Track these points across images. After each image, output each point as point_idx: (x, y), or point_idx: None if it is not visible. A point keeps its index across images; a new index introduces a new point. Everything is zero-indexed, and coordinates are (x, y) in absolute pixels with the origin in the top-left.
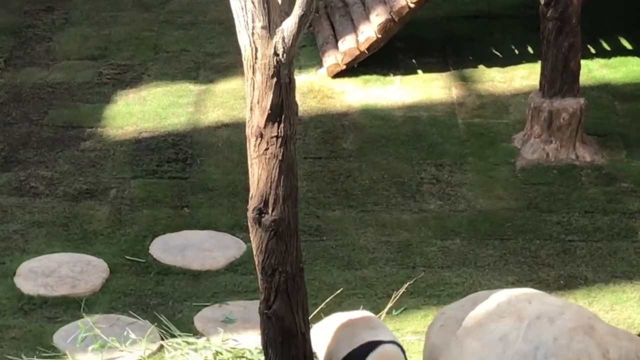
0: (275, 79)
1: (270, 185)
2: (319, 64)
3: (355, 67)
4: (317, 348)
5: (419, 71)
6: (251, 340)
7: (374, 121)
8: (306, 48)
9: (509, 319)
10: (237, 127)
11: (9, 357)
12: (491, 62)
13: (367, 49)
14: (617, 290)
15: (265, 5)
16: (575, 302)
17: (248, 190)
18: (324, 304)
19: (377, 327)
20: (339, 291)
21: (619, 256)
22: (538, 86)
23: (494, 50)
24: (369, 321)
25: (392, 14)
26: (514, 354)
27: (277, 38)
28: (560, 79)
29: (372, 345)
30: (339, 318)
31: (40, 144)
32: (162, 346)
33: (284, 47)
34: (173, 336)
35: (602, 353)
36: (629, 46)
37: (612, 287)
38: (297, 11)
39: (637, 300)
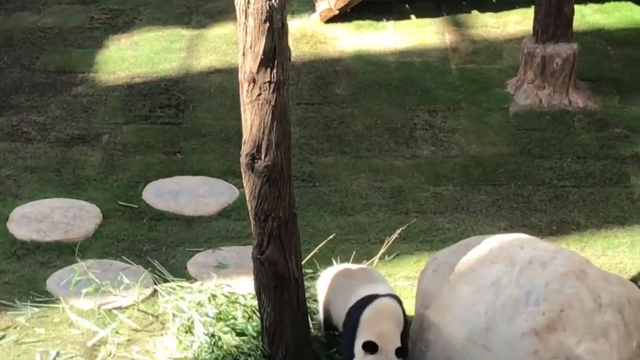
0: (267, 24)
1: (263, 131)
2: (312, 9)
3: (348, 12)
4: (318, 299)
5: (412, 16)
6: (244, 285)
7: (366, 67)
8: None
9: (501, 264)
10: (230, 73)
11: (2, 302)
12: (485, 7)
13: None
14: (609, 236)
15: None
16: (567, 247)
17: (241, 136)
18: (316, 249)
19: (375, 281)
20: (331, 236)
21: (611, 202)
22: (531, 31)
23: None
24: (367, 275)
25: None
26: (506, 299)
27: None
28: (553, 24)
29: (369, 300)
30: (337, 270)
31: (32, 89)
32: (155, 291)
33: None
34: (166, 281)
35: (594, 298)
36: None
37: (604, 232)
38: None
39: (629, 245)
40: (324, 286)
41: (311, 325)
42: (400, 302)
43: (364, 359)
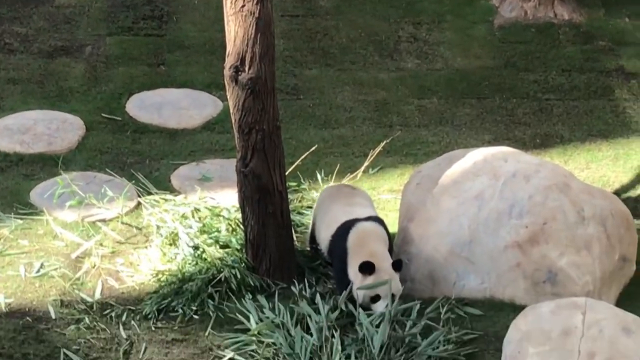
0: None
1: (247, 43)
2: None
3: None
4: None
5: None
6: (228, 198)
7: None
8: None
9: (485, 177)
10: None
11: None
12: None
13: None
14: (592, 149)
15: None
16: (551, 160)
17: (225, 48)
18: (299, 160)
19: (354, 204)
20: (313, 148)
21: (595, 115)
22: None
23: None
24: (347, 197)
25: None
26: (490, 212)
27: None
28: None
29: (349, 225)
30: (326, 190)
31: (14, 0)
32: (139, 203)
33: None
34: (150, 194)
35: (577, 211)
36: None
37: (587, 145)
38: None
39: (612, 158)
40: (317, 205)
41: (295, 238)
42: (382, 223)
43: (363, 280)
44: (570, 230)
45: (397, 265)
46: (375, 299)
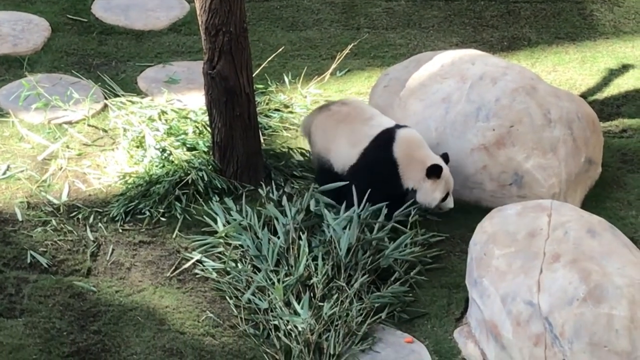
0: None
1: None
2: None
3: None
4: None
5: None
6: (195, 100)
7: None
8: None
9: (452, 80)
10: None
11: None
12: None
13: None
14: (559, 52)
15: None
16: (518, 63)
17: None
18: (266, 62)
19: (374, 116)
20: (281, 50)
21: (562, 17)
22: None
23: None
24: (359, 112)
25: None
26: (457, 115)
27: None
28: None
29: (387, 135)
30: (322, 115)
31: None
32: (106, 105)
33: None
34: (117, 96)
35: (544, 113)
36: None
37: (555, 48)
38: None
39: (579, 61)
40: (316, 134)
41: (262, 140)
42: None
43: (433, 185)
44: (537, 132)
45: (445, 159)
46: (445, 197)
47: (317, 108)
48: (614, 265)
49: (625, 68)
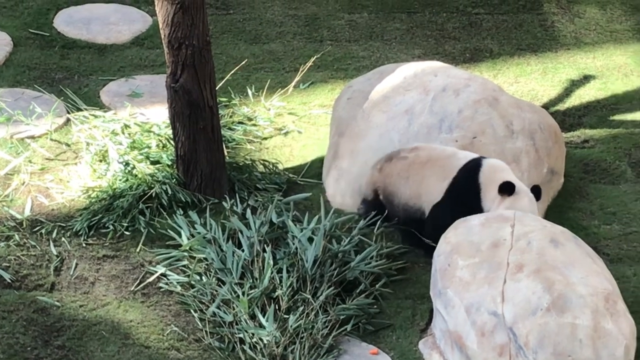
0: None
1: None
2: None
3: None
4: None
5: None
6: (158, 114)
7: None
8: None
9: (415, 92)
10: None
11: None
12: None
13: None
14: (521, 63)
15: None
16: (480, 74)
17: None
18: (229, 75)
19: (457, 151)
20: (244, 63)
21: (524, 29)
22: None
23: None
24: (443, 150)
25: None
26: (420, 127)
27: None
28: None
29: (472, 165)
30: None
31: None
32: (68, 120)
33: None
34: (79, 110)
35: (506, 124)
36: None
37: (516, 59)
38: None
39: (541, 72)
40: (398, 184)
41: (226, 153)
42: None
43: (501, 202)
44: (499, 144)
45: (536, 192)
46: None
47: (382, 160)
48: (577, 274)
49: (586, 79)
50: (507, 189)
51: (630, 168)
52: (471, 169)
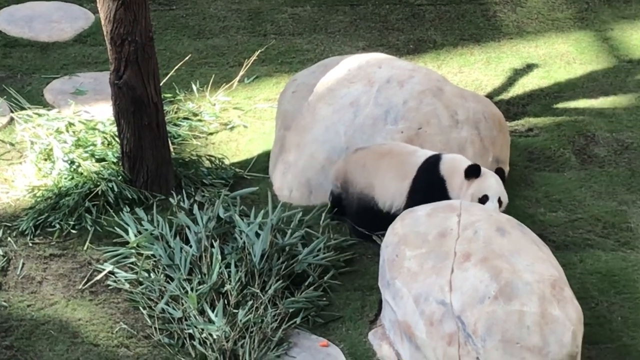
0: None
1: None
2: None
3: None
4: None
5: None
6: (103, 111)
7: None
8: None
9: (360, 84)
10: None
11: None
12: None
13: None
14: (465, 53)
15: None
16: (424, 65)
17: None
18: (173, 71)
19: (419, 149)
20: (187, 58)
21: (466, 19)
22: None
23: None
24: (405, 147)
25: None
26: (365, 118)
27: None
28: None
29: (432, 160)
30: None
31: None
32: (12, 119)
33: None
34: (23, 109)
35: (451, 114)
36: None
37: (460, 49)
38: None
39: (484, 62)
40: (355, 172)
41: (172, 149)
42: None
43: (469, 185)
44: (445, 134)
45: (500, 174)
46: (484, 200)
47: (350, 151)
48: (524, 262)
49: (529, 68)
50: (473, 171)
51: (575, 155)
52: (431, 165)
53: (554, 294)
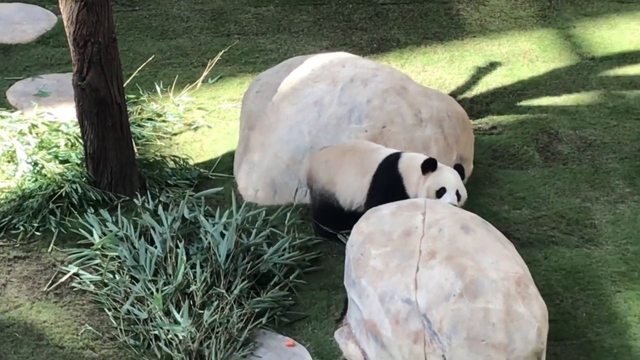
0: None
1: None
2: None
3: None
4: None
5: None
6: (66, 112)
7: None
8: None
9: (324, 83)
10: None
11: None
12: None
13: None
14: (428, 52)
15: None
16: (388, 64)
17: None
18: (136, 72)
19: (381, 147)
20: (151, 59)
21: (430, 18)
22: None
23: None
24: (364, 144)
25: None
26: (329, 118)
27: None
28: None
29: (391, 158)
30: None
31: None
32: None
33: None
34: None
35: (415, 113)
36: None
37: (423, 48)
38: None
39: (448, 60)
40: (319, 169)
41: (136, 150)
42: None
43: (425, 180)
44: (409, 132)
45: (459, 170)
46: (441, 192)
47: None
48: (488, 259)
49: (492, 66)
50: (429, 165)
51: (538, 153)
52: (390, 163)
53: (518, 291)
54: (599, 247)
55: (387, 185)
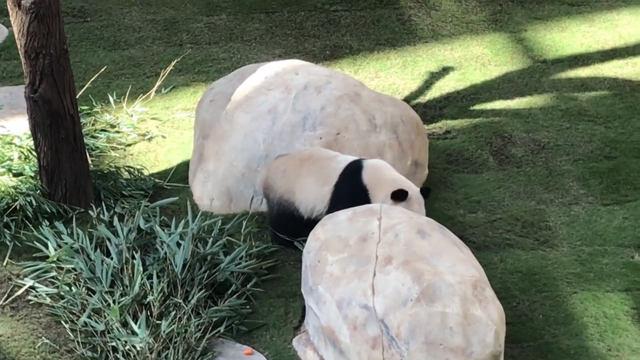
0: None
1: None
2: None
3: None
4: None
5: None
6: (19, 125)
7: None
8: None
9: (277, 91)
10: None
11: None
12: None
13: None
14: (381, 58)
15: None
16: (341, 71)
17: None
18: (89, 83)
19: (339, 154)
20: (103, 69)
21: (382, 24)
22: None
23: None
24: (322, 152)
25: None
26: (283, 125)
27: None
28: None
29: (353, 166)
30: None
31: None
32: None
33: None
34: None
35: (369, 119)
36: None
37: (376, 54)
38: None
39: (401, 66)
40: (276, 178)
41: (90, 162)
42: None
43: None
44: (363, 138)
45: (424, 193)
46: None
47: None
48: (445, 264)
49: (445, 71)
50: (400, 196)
51: (492, 156)
52: (353, 173)
53: (475, 294)
54: (555, 249)
55: (352, 194)
